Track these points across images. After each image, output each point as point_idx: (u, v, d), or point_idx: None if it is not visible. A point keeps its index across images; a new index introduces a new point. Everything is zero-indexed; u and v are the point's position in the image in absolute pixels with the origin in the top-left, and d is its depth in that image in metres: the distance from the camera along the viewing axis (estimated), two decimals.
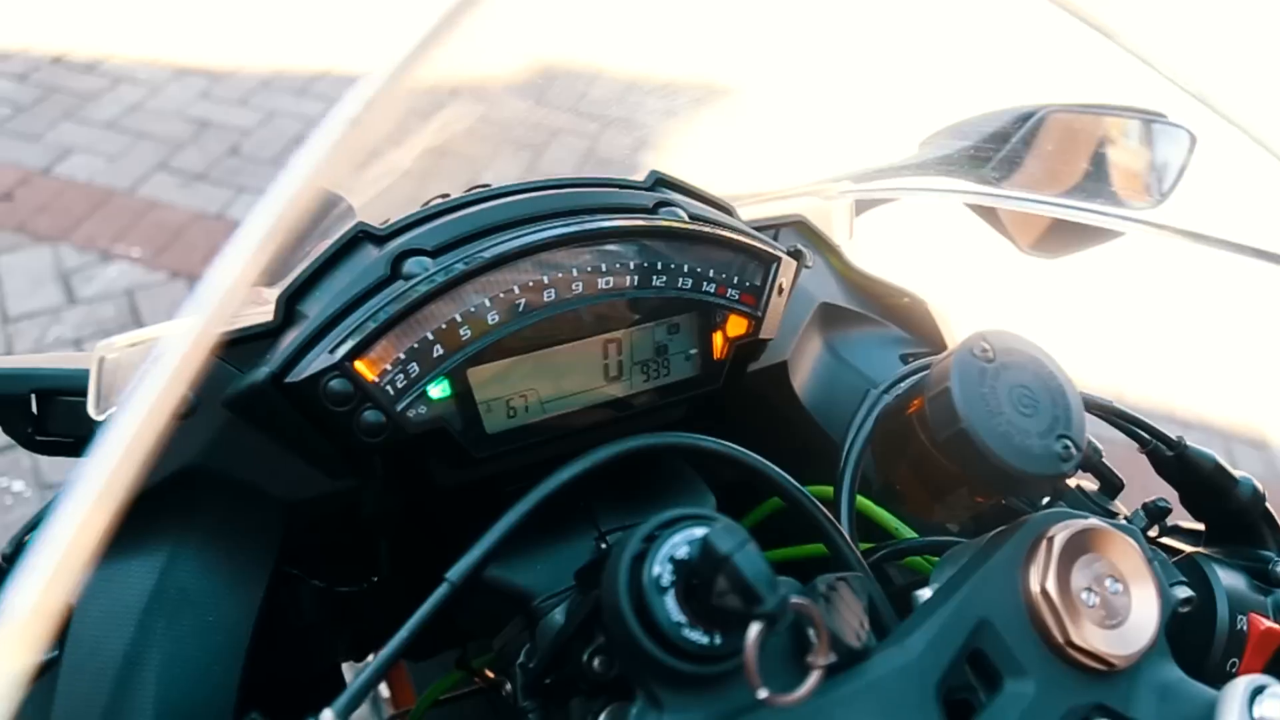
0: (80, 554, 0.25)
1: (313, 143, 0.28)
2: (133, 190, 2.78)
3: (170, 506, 0.49)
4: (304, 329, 0.47)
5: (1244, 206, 0.70)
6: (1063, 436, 0.44)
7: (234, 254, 0.28)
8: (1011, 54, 2.03)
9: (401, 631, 0.41)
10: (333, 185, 0.58)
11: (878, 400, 0.54)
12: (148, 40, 3.45)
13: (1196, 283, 2.88)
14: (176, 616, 0.48)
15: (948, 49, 2.52)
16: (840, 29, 3.01)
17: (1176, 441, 0.60)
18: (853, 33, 3.00)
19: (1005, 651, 0.42)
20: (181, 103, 3.18)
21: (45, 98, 3.10)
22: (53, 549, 0.24)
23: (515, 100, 1.79)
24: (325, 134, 0.28)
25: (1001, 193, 0.77)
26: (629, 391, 0.55)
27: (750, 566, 0.34)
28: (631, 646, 0.37)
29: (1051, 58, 0.62)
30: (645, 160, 1.82)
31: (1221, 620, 0.54)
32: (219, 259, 0.27)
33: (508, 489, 0.56)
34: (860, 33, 3.01)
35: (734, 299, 0.55)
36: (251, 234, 0.28)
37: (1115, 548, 0.45)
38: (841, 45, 2.90)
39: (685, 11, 2.51)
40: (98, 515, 0.25)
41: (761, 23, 2.76)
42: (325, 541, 0.59)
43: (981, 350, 0.45)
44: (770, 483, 0.50)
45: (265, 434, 0.51)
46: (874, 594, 0.45)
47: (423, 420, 0.48)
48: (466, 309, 0.47)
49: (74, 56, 3.31)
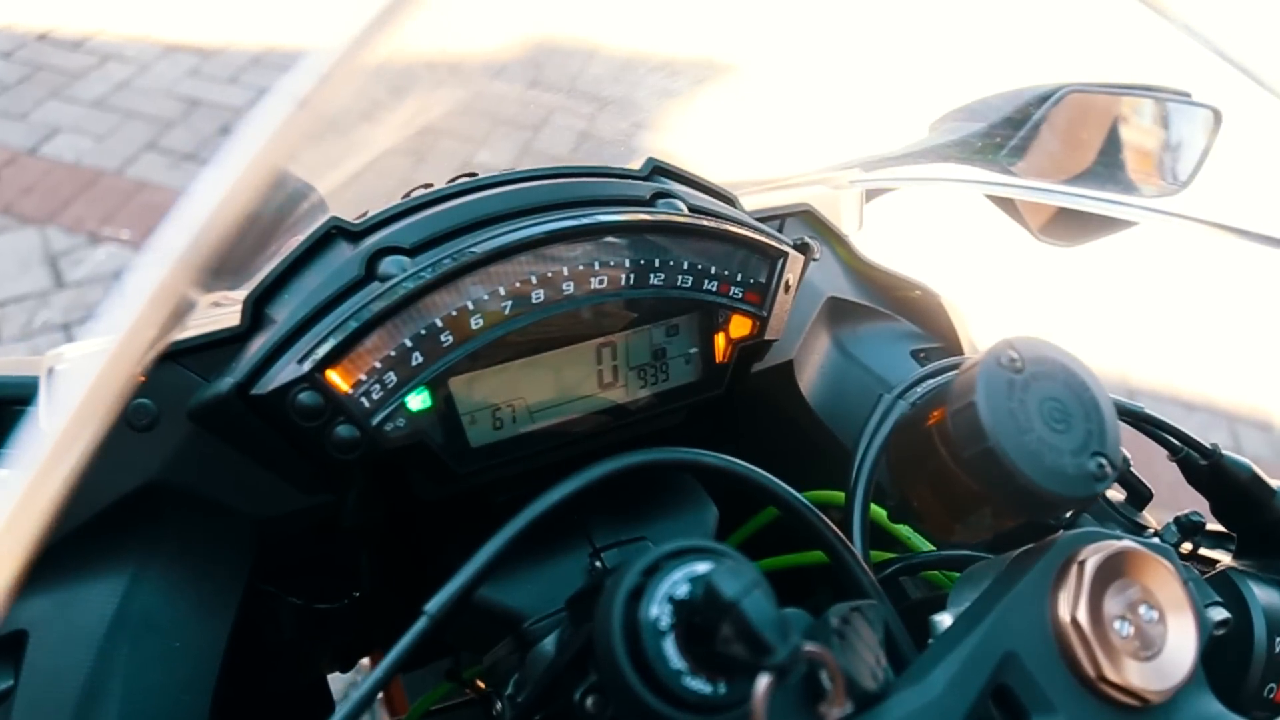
0: None
1: (255, 122, 0.24)
2: (121, 170, 2.74)
3: (133, 525, 0.46)
4: (271, 335, 0.43)
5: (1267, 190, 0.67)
6: (1097, 454, 0.41)
7: (162, 252, 0.24)
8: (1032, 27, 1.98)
9: (377, 670, 0.38)
10: (302, 172, 0.54)
11: (892, 406, 0.51)
12: (136, 16, 3.39)
13: (1202, 263, 2.84)
14: (140, 643, 0.45)
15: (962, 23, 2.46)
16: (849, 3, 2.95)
17: (1211, 450, 0.56)
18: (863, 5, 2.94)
19: (1033, 688, 0.39)
20: (171, 80, 3.12)
21: (31, 75, 3.04)
22: None
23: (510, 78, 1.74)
24: (267, 116, 0.24)
25: (1017, 183, 0.73)
26: (625, 398, 0.51)
27: (759, 614, 0.31)
28: (626, 693, 0.33)
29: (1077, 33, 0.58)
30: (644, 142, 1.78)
31: (1259, 642, 0.50)
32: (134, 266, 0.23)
33: (497, 499, 0.53)
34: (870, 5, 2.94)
35: (737, 297, 0.52)
36: (183, 229, 0.24)
37: (1150, 572, 0.41)
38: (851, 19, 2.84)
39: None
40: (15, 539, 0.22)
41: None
42: (302, 557, 0.55)
43: (1010, 360, 0.42)
44: (779, 500, 0.47)
45: (233, 447, 0.47)
46: (890, 621, 0.42)
47: (401, 434, 0.45)
48: (448, 313, 0.44)
49: (61, 33, 3.25)
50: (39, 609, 0.44)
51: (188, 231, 0.23)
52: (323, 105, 0.24)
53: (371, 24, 0.23)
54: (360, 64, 0.24)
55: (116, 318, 0.22)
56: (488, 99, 1.77)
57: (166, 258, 0.23)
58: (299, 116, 0.24)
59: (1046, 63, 0.79)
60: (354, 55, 0.24)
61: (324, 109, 0.24)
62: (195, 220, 0.23)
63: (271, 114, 0.24)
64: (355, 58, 0.24)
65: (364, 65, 0.24)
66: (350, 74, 0.24)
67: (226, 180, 0.23)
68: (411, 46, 0.26)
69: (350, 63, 0.24)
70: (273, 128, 0.24)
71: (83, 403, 0.23)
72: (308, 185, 0.56)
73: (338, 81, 0.24)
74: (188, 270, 0.24)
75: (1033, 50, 2.23)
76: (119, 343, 0.22)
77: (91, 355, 0.23)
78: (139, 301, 0.22)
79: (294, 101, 0.24)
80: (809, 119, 2.20)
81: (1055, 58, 1.67)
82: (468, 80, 1.32)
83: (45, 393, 0.45)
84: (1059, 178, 0.77)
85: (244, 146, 0.23)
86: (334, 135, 0.26)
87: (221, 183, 0.23)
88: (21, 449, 0.23)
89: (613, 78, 1.39)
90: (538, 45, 1.70)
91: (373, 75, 0.25)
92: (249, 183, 0.23)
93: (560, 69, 1.56)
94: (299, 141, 0.25)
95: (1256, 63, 0.42)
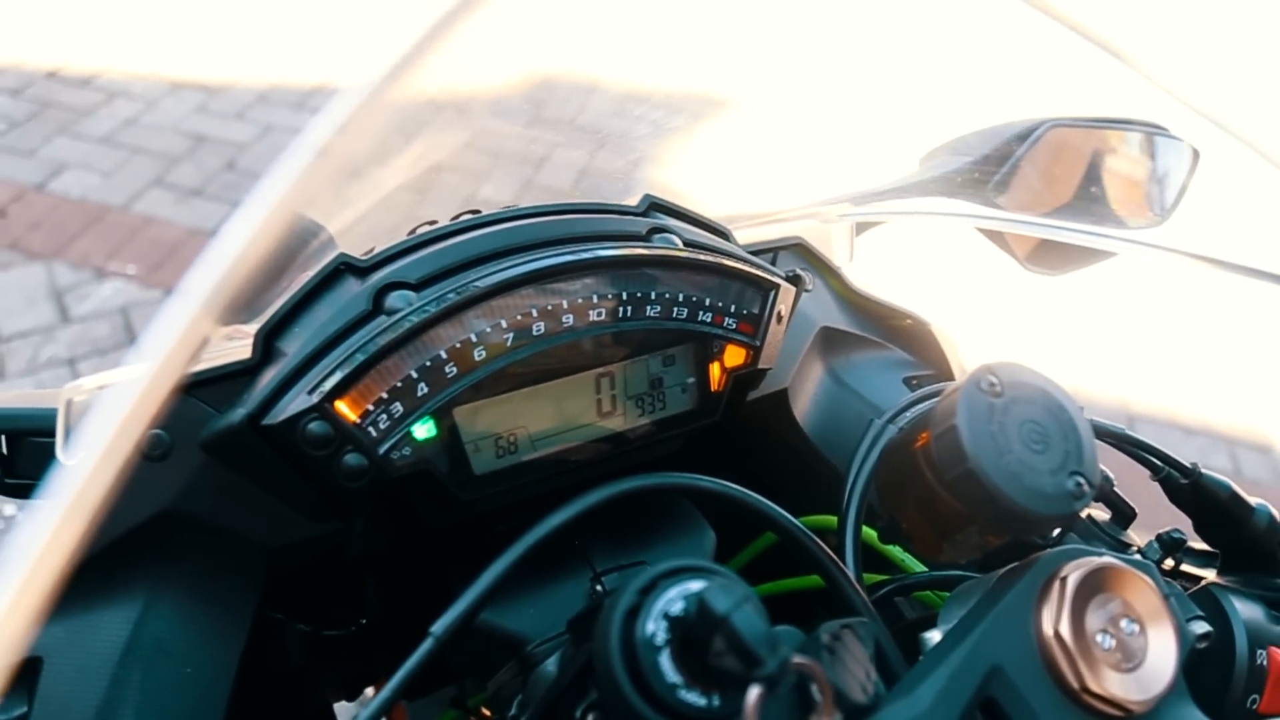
0: (28, 610, 0.23)
1: (279, 169, 0.26)
2: (127, 206, 2.77)
3: (145, 553, 0.48)
4: (282, 367, 0.45)
5: (1248, 223, 0.69)
6: (1075, 474, 0.42)
7: (191, 293, 0.25)
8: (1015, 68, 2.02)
9: (384, 691, 0.39)
10: (313, 212, 0.56)
11: (882, 431, 0.52)
12: (144, 55, 3.44)
13: (1199, 290, 2.86)
14: (152, 669, 0.46)
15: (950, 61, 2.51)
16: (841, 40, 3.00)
17: (1191, 469, 0.58)
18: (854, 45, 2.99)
19: (1019, 700, 0.40)
20: (177, 117, 3.16)
21: (40, 113, 3.09)
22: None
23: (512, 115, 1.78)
24: (294, 160, 0.26)
25: (1001, 215, 0.76)
26: (623, 426, 0.53)
27: (749, 627, 0.33)
28: (625, 708, 0.35)
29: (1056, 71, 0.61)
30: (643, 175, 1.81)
31: (1241, 655, 0.52)
32: (172, 298, 0.25)
33: (499, 527, 0.54)
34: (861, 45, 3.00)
35: (731, 328, 0.54)
36: (211, 271, 0.26)
37: (1131, 586, 0.43)
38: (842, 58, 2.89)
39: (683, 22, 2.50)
40: (44, 570, 0.24)
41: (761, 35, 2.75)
42: (310, 584, 0.57)
43: (989, 385, 0.43)
44: (772, 523, 0.48)
45: (244, 476, 0.49)
46: (881, 638, 0.44)
47: (407, 462, 0.46)
48: (452, 345, 0.46)
49: (69, 71, 3.30)
50: (53, 635, 0.45)
51: (216, 271, 0.25)
52: (342, 151, 0.26)
53: (394, 68, 0.25)
54: (381, 109, 0.26)
55: (150, 352, 0.24)
56: (490, 136, 1.81)
57: (196, 296, 0.25)
58: (320, 163, 0.26)
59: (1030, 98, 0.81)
60: (375, 102, 0.26)
61: (343, 155, 0.26)
62: (223, 261, 0.25)
63: (295, 160, 0.26)
64: (376, 104, 0.26)
65: (384, 110, 0.26)
66: (371, 120, 0.26)
67: (252, 224, 0.25)
68: (422, 88, 0.28)
69: (371, 110, 0.26)
70: (296, 174, 0.26)
71: (116, 433, 0.25)
72: (317, 224, 0.59)
73: (359, 128, 0.26)
74: (214, 308, 0.25)
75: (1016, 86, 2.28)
76: (153, 376, 0.24)
77: (121, 385, 0.25)
78: (171, 337, 0.24)
79: (315, 150, 0.26)
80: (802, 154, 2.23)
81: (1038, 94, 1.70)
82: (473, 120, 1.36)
83: (64, 424, 0.47)
84: (1043, 209, 0.79)
85: (269, 192, 0.25)
86: (345, 177, 0.28)
87: (247, 227, 0.25)
88: (53, 480, 0.24)
89: (612, 114, 1.42)
90: (539, 83, 1.75)
91: (386, 118, 0.27)
92: (272, 226, 0.25)
93: (561, 107, 1.60)
94: (319, 186, 0.26)
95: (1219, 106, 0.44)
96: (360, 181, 0.58)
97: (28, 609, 0.23)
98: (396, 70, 0.26)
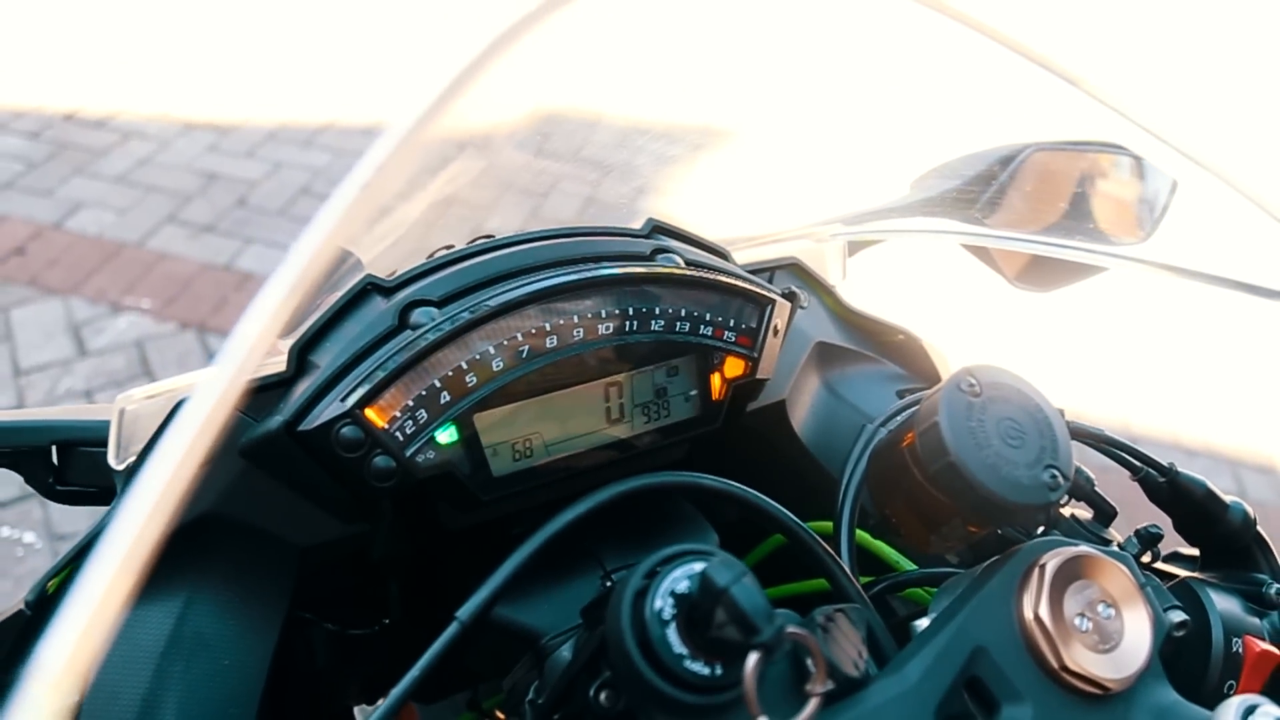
0: (114, 602, 0.26)
1: (333, 202, 0.30)
2: (142, 243, 2.83)
3: (187, 552, 0.51)
4: (315, 379, 0.49)
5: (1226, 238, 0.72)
6: (1050, 467, 0.46)
7: (261, 308, 0.29)
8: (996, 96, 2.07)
9: (413, 670, 0.43)
10: (344, 241, 0.60)
11: (873, 435, 0.56)
12: (157, 96, 3.52)
13: (1194, 309, 2.89)
14: (193, 660, 0.49)
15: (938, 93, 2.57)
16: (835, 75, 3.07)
17: (1168, 468, 0.61)
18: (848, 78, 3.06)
19: (1001, 678, 0.42)
20: (190, 156, 3.24)
21: (57, 154, 3.16)
22: (87, 598, 0.26)
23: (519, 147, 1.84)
24: (346, 192, 0.30)
25: (988, 232, 0.80)
26: (631, 433, 0.57)
27: (747, 598, 0.36)
28: (636, 679, 0.38)
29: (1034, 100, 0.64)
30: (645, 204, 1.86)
31: (1217, 643, 0.54)
32: (247, 314, 0.29)
33: (515, 530, 0.58)
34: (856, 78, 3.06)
35: (731, 341, 0.57)
36: (277, 289, 0.30)
37: (1106, 573, 0.46)
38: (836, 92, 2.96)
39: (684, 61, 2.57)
40: (130, 564, 0.27)
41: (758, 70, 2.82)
42: (337, 585, 0.60)
43: (969, 385, 0.47)
44: (769, 518, 0.52)
45: (279, 480, 0.52)
46: (873, 624, 0.46)
47: (431, 464, 0.50)
48: (472, 356, 0.49)
49: (85, 113, 3.38)
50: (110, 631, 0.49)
51: (281, 292, 0.29)
52: (379, 188, 0.31)
53: (428, 112, 0.29)
54: (414, 150, 0.30)
55: (232, 361, 0.28)
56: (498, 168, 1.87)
57: (265, 311, 0.29)
58: (364, 198, 0.30)
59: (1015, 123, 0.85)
60: (411, 144, 0.30)
61: (379, 191, 0.31)
62: (287, 281, 0.29)
63: (348, 192, 0.30)
64: (412, 146, 0.30)
65: (424, 145, 0.30)
66: (406, 160, 0.30)
67: (308, 251, 0.29)
68: (449, 129, 0.32)
69: (407, 151, 0.30)
70: (344, 208, 0.30)
71: (195, 436, 0.28)
72: (345, 250, 0.63)
73: (395, 168, 0.30)
74: (280, 320, 0.29)
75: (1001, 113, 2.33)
76: (229, 382, 0.28)
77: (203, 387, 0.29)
78: (246, 349, 0.28)
79: (361, 187, 0.30)
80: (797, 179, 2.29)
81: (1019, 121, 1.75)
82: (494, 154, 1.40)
83: (116, 432, 0.51)
84: (1029, 229, 0.83)
85: (322, 223, 0.30)
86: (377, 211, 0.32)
87: (304, 254, 0.29)
88: (138, 483, 0.27)
89: (616, 144, 1.47)
90: (545, 117, 1.80)
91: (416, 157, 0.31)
92: (325, 252, 0.30)
93: (566, 139, 1.65)
94: (361, 219, 0.31)
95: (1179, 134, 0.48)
96: (388, 215, 0.62)
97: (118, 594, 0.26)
98: (430, 113, 0.30)
